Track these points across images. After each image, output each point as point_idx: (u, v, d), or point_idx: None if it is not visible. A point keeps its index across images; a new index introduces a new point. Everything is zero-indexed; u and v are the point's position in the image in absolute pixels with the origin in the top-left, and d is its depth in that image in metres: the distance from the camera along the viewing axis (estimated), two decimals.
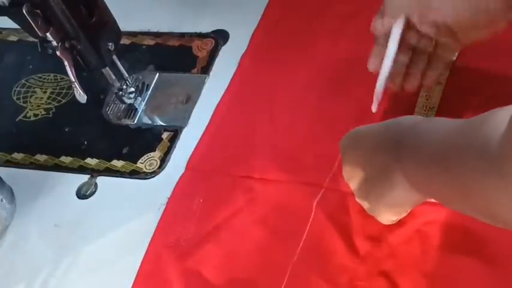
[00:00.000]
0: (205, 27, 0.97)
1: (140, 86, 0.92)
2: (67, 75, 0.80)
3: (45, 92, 0.97)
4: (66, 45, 0.79)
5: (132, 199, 0.83)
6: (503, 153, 0.47)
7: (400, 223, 0.70)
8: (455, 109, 0.76)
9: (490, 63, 0.75)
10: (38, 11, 0.76)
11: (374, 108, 0.74)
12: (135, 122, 0.90)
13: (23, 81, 0.99)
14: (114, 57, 0.85)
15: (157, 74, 0.94)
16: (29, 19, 0.75)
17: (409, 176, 0.63)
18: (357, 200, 0.71)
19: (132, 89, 0.90)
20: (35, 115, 0.95)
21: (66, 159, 0.89)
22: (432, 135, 0.59)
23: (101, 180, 0.86)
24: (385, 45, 0.72)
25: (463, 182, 0.54)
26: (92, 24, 0.80)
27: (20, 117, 0.95)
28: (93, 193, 0.85)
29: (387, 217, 0.69)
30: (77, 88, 0.81)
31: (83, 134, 0.91)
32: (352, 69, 0.85)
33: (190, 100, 0.90)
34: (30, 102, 0.96)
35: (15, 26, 0.78)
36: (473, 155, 0.51)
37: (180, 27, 0.98)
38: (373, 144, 0.67)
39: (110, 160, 0.87)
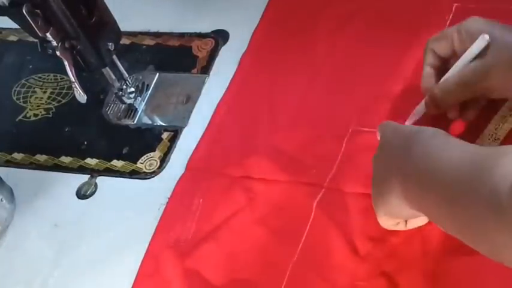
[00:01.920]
0: (205, 27, 0.97)
1: (140, 86, 0.92)
2: (67, 75, 0.80)
3: (45, 92, 0.97)
4: (66, 45, 0.79)
5: (132, 199, 0.83)
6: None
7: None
8: None
9: None
10: (38, 11, 0.76)
11: (408, 122, 0.74)
12: (135, 122, 0.90)
13: (23, 81, 0.99)
14: (114, 57, 0.85)
15: (157, 74, 0.94)
16: (29, 19, 0.75)
17: (406, 192, 0.62)
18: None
19: (132, 89, 0.90)
20: (35, 115, 0.95)
21: (66, 159, 0.89)
22: (441, 163, 0.58)
23: (101, 180, 0.86)
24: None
25: (467, 225, 0.54)
26: (92, 24, 0.80)
27: (20, 117, 0.95)
28: (93, 193, 0.85)
29: (385, 221, 0.69)
30: (77, 88, 0.81)
31: (83, 134, 0.91)
32: (352, 69, 0.85)
33: (190, 100, 0.90)
34: (30, 102, 0.96)
35: (15, 26, 0.78)
36: (481, 202, 0.51)
37: (180, 27, 0.98)
38: (393, 141, 0.66)
39: (109, 160, 0.87)
